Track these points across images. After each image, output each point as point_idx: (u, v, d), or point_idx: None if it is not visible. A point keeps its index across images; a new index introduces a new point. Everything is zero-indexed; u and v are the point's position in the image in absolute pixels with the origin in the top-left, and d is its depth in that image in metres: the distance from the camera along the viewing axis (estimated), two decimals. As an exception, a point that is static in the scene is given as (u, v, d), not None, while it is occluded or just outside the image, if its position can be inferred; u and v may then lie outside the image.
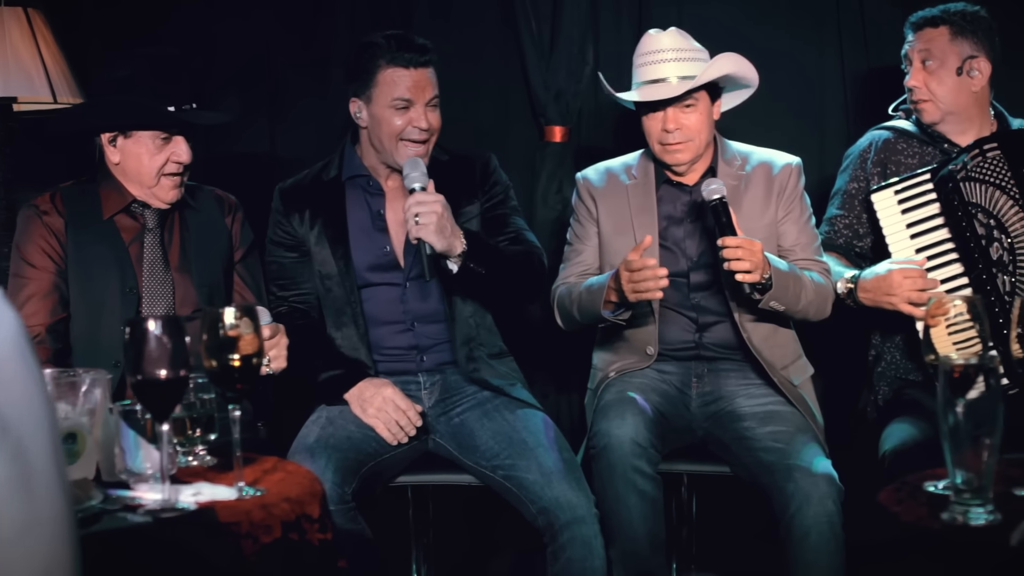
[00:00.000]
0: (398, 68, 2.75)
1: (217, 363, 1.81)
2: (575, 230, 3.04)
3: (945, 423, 1.66)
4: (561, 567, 2.61)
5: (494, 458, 2.73)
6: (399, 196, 2.88)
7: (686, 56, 2.86)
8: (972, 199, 2.78)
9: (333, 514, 2.51)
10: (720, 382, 2.94)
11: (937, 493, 1.77)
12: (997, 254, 2.74)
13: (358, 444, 2.72)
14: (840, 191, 3.10)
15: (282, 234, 2.90)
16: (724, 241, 2.68)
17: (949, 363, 1.68)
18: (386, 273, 2.87)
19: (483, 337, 2.93)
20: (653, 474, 2.68)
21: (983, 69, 2.95)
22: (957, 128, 2.97)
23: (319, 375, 2.82)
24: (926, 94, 2.96)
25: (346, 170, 2.91)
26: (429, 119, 2.79)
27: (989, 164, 2.77)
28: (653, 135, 2.89)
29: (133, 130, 2.60)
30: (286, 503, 1.78)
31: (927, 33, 2.97)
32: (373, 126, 2.81)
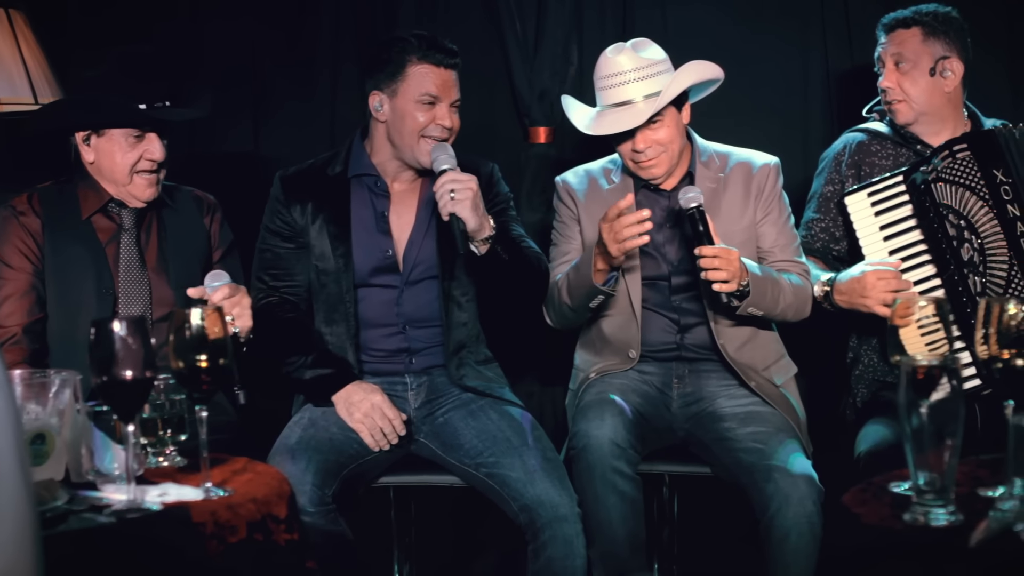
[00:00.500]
0: (429, 65, 2.78)
1: (184, 364, 1.82)
2: (559, 230, 3.04)
3: (908, 424, 1.66)
4: (542, 565, 2.61)
5: (477, 456, 2.73)
6: (404, 199, 2.89)
7: (648, 73, 2.82)
8: (943, 200, 2.79)
9: (313, 515, 2.55)
10: (701, 383, 2.94)
11: (901, 494, 1.77)
12: (968, 255, 2.74)
13: (339, 446, 2.72)
14: (816, 195, 3.11)
15: (280, 223, 2.87)
16: (701, 251, 2.68)
17: (912, 364, 1.68)
18: (384, 275, 2.86)
19: (472, 344, 2.94)
20: (633, 475, 2.69)
21: (956, 69, 2.96)
22: (931, 129, 2.98)
23: (306, 372, 2.81)
24: (899, 95, 2.97)
25: (353, 167, 2.89)
26: (452, 119, 2.82)
27: (959, 165, 2.78)
28: (625, 155, 2.89)
29: (105, 128, 2.61)
30: (252, 504, 1.78)
31: (899, 34, 2.97)
32: (395, 120, 2.81)
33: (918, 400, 1.67)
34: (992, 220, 2.73)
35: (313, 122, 3.55)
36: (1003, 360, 1.71)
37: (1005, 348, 1.72)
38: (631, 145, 2.84)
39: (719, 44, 3.55)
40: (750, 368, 2.89)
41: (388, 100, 2.81)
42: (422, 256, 2.87)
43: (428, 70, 2.78)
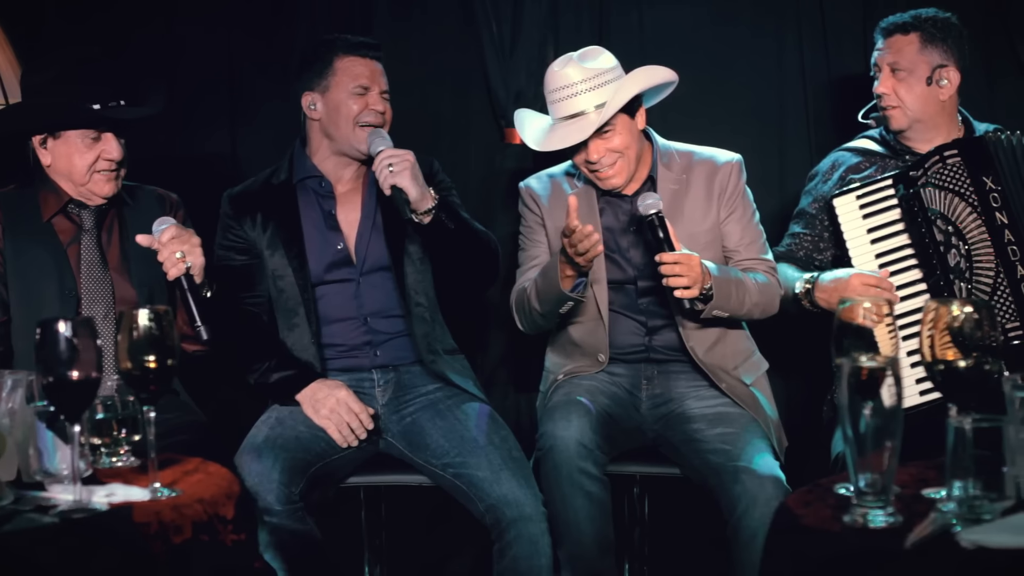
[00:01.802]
0: (356, 57, 2.88)
1: (132, 364, 1.82)
2: (525, 235, 3.04)
3: (850, 425, 1.66)
4: (507, 564, 2.63)
5: (444, 456, 2.75)
6: (349, 198, 2.96)
7: (597, 83, 2.80)
8: (932, 205, 2.78)
9: (280, 514, 2.56)
10: (670, 384, 2.94)
11: (845, 495, 1.77)
12: (954, 261, 2.74)
13: (307, 444, 2.74)
14: (803, 212, 3.11)
15: (232, 238, 2.93)
16: (661, 257, 2.69)
17: (855, 365, 1.68)
18: (340, 270, 2.90)
19: (437, 332, 2.97)
20: (600, 476, 2.69)
21: (952, 78, 2.95)
22: (924, 136, 2.97)
23: (271, 376, 2.83)
24: (895, 100, 2.96)
25: (297, 172, 2.96)
26: (384, 106, 2.90)
27: (949, 171, 2.77)
28: (581, 167, 2.89)
29: (59, 130, 2.62)
30: (199, 504, 1.79)
31: (897, 41, 2.96)
32: (329, 114, 2.88)
33: (861, 401, 1.67)
34: (980, 227, 2.73)
35: (288, 124, 3.54)
36: (946, 362, 1.70)
37: (949, 350, 1.72)
38: (584, 156, 2.83)
39: (695, 46, 3.56)
40: (720, 368, 2.90)
41: (320, 97, 2.90)
42: (372, 248, 2.92)
43: (355, 61, 2.89)
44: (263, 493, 2.60)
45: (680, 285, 2.67)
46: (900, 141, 3.02)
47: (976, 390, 1.70)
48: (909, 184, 2.80)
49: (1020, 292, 2.64)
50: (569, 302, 2.80)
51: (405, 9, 3.59)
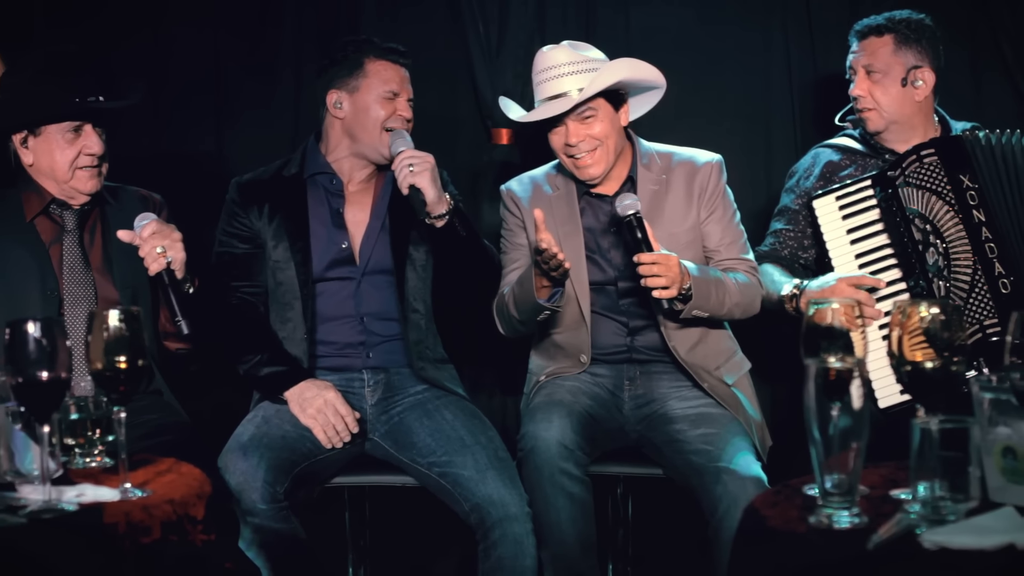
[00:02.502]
0: (387, 62, 2.91)
1: (102, 365, 1.82)
2: (507, 239, 3.05)
3: (817, 426, 1.66)
4: (492, 565, 2.64)
5: (430, 455, 2.75)
6: (359, 198, 2.97)
7: (582, 68, 2.83)
8: (910, 205, 2.78)
9: (264, 513, 2.57)
10: (652, 385, 2.94)
11: (813, 496, 1.77)
12: (933, 259, 2.73)
13: (292, 444, 2.74)
14: (785, 208, 3.11)
15: (237, 225, 2.92)
16: (639, 258, 2.69)
17: (823, 366, 1.68)
18: (341, 268, 2.91)
19: (429, 341, 2.97)
20: (582, 476, 2.69)
21: (927, 79, 2.96)
22: (901, 137, 2.98)
23: (261, 369, 2.83)
24: (871, 103, 2.97)
25: (308, 167, 2.96)
26: (410, 112, 2.93)
27: (926, 169, 2.77)
28: (560, 151, 2.89)
29: (40, 125, 2.63)
30: (168, 505, 1.79)
31: (872, 43, 2.97)
32: (356, 115, 2.89)
33: (829, 402, 1.67)
34: (957, 225, 2.73)
35: (275, 126, 3.56)
36: (913, 363, 1.70)
37: (917, 351, 1.72)
38: (564, 138, 2.84)
39: (682, 46, 3.56)
40: (702, 368, 2.90)
41: (348, 96, 2.90)
42: (378, 250, 2.92)
43: (387, 66, 2.90)
44: (248, 492, 2.60)
45: (658, 285, 2.67)
46: (879, 141, 3.02)
47: (943, 391, 1.70)
48: (887, 184, 2.80)
49: (998, 289, 2.64)
50: (546, 312, 2.80)
51: (392, 9, 3.59)
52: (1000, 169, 2.76)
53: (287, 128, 3.55)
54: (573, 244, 2.91)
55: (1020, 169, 2.76)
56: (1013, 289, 2.64)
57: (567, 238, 2.92)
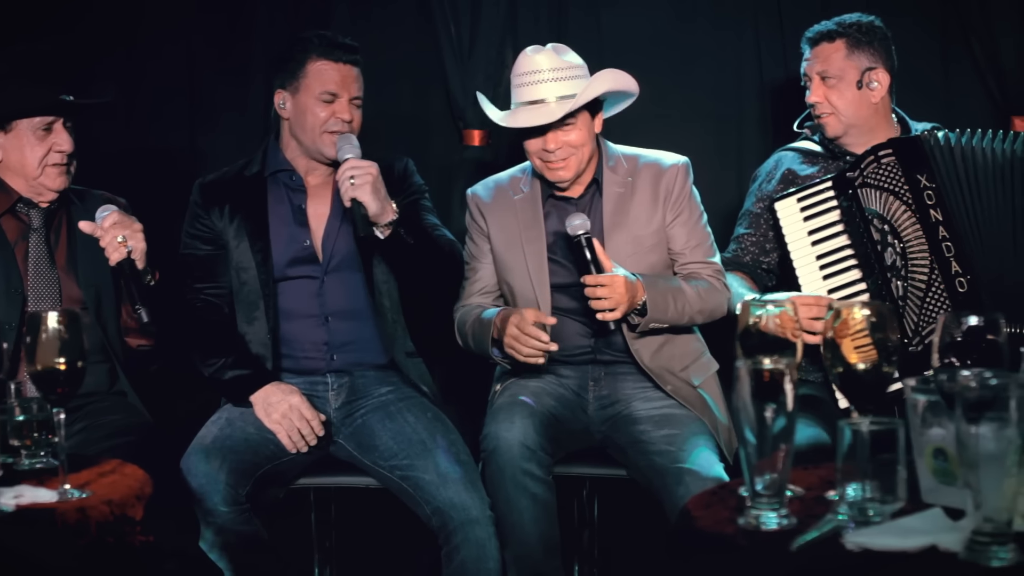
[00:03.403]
0: (327, 61, 2.84)
1: (41, 367, 1.83)
2: (470, 249, 3.06)
3: (749, 428, 1.66)
4: (455, 568, 2.64)
5: (392, 458, 2.75)
6: (320, 192, 2.95)
7: (564, 75, 2.82)
8: (868, 205, 2.78)
9: (226, 515, 2.58)
10: (617, 385, 2.94)
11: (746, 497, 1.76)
12: (891, 259, 2.73)
13: (255, 447, 2.74)
14: (747, 212, 3.11)
15: (200, 227, 2.92)
16: (585, 279, 2.70)
17: (756, 367, 1.68)
18: (304, 266, 2.90)
19: (399, 334, 2.97)
20: (544, 477, 2.69)
21: (882, 80, 2.96)
22: (860, 140, 2.97)
23: (226, 373, 2.83)
24: (828, 108, 2.98)
25: (269, 165, 2.95)
26: (352, 114, 2.87)
27: (884, 170, 2.77)
28: (534, 154, 2.88)
29: (12, 120, 2.65)
30: (105, 506, 1.79)
31: (824, 49, 2.98)
32: (297, 117, 2.87)
33: (763, 403, 1.67)
34: (915, 225, 2.72)
35: (246, 128, 3.56)
36: (845, 364, 1.70)
37: (851, 353, 1.72)
38: (542, 144, 2.84)
39: (653, 49, 3.57)
40: (666, 371, 2.90)
41: (291, 97, 2.88)
42: (340, 245, 2.91)
43: (327, 66, 2.85)
44: (209, 494, 2.61)
45: (603, 308, 2.69)
46: (838, 144, 3.02)
47: (874, 392, 1.70)
48: (847, 185, 2.80)
49: (954, 288, 2.63)
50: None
51: (364, 11, 3.59)
52: (959, 169, 2.75)
53: (258, 129, 3.56)
54: (536, 247, 2.93)
55: (979, 168, 2.76)
56: (969, 288, 2.63)
57: (531, 242, 2.93)
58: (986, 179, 2.76)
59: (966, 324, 1.64)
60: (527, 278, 2.93)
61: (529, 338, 2.71)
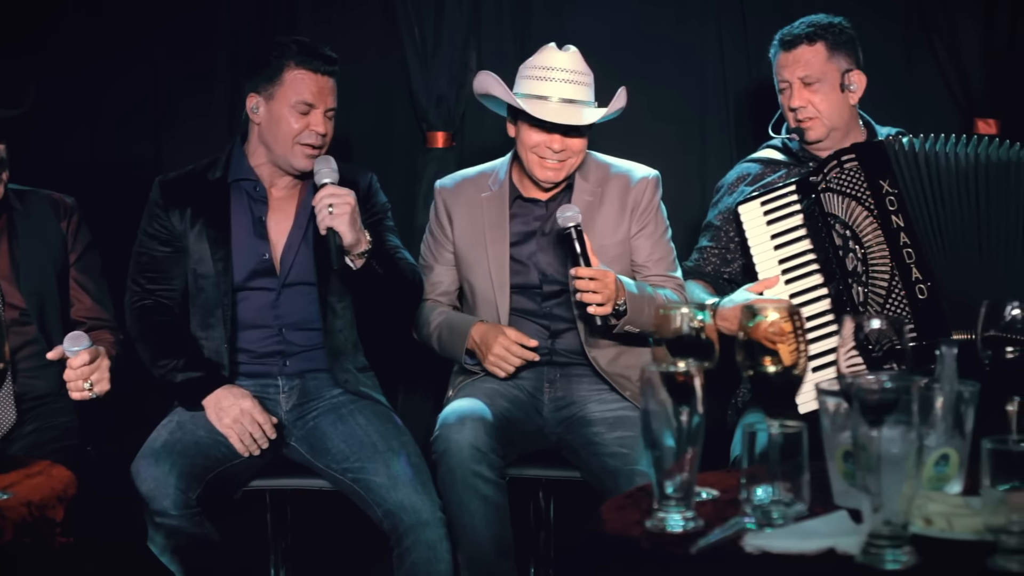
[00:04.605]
0: (306, 71, 2.79)
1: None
2: (429, 245, 3.07)
3: (659, 431, 1.66)
4: (407, 571, 2.64)
5: (344, 461, 2.76)
6: (282, 205, 2.92)
7: (579, 79, 2.86)
8: (830, 210, 2.76)
9: (176, 518, 2.58)
10: (572, 387, 2.95)
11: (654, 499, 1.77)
12: (852, 264, 2.71)
13: (206, 450, 2.74)
14: (709, 224, 3.11)
15: (158, 227, 2.89)
16: (577, 271, 2.70)
17: (670, 371, 1.68)
18: (262, 279, 2.88)
19: (352, 350, 2.96)
20: (496, 479, 2.70)
21: (859, 81, 2.96)
22: (836, 144, 2.95)
23: (177, 376, 2.83)
24: (812, 112, 2.95)
25: (232, 172, 2.91)
26: (326, 127, 2.83)
27: (846, 175, 2.75)
28: (531, 147, 2.87)
29: None
30: (25, 507, 1.80)
31: (804, 52, 2.95)
32: (269, 124, 2.83)
33: (678, 407, 1.67)
34: (876, 230, 2.71)
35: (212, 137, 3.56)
36: (756, 367, 1.70)
37: (764, 355, 1.72)
38: (547, 141, 2.84)
39: (617, 52, 3.57)
40: (622, 377, 2.91)
41: (264, 103, 2.83)
42: (299, 260, 2.89)
43: (305, 76, 2.79)
44: (159, 498, 2.60)
45: (593, 302, 2.69)
46: (806, 149, 3.01)
47: (784, 395, 1.70)
48: (810, 189, 2.79)
49: (915, 294, 2.62)
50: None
51: (326, 12, 3.60)
52: (923, 174, 2.74)
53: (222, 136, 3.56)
54: (499, 248, 2.94)
55: (943, 174, 2.74)
56: (930, 294, 2.62)
57: (495, 242, 2.94)
58: (949, 185, 2.74)
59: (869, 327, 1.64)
60: (488, 278, 2.95)
61: (515, 357, 2.82)
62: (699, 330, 1.80)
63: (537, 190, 2.96)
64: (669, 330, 1.80)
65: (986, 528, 1.47)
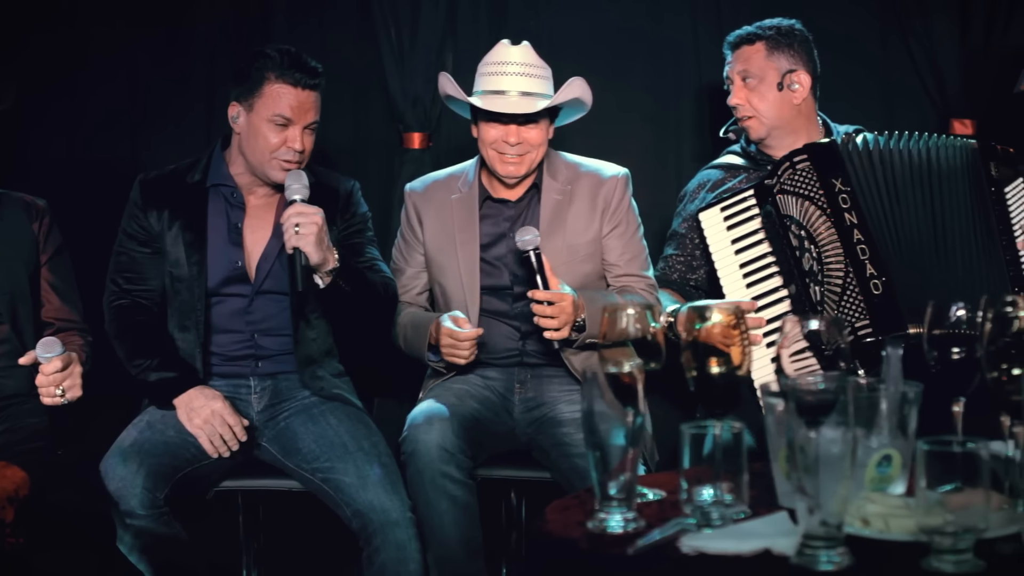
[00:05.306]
0: (286, 84, 2.75)
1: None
2: (400, 248, 3.07)
3: (602, 432, 1.66)
4: (376, 571, 2.65)
5: (314, 461, 2.76)
6: (260, 213, 2.92)
7: (533, 72, 2.87)
8: (786, 212, 2.77)
9: (144, 518, 2.58)
10: (543, 388, 2.95)
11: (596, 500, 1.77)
12: (808, 264, 2.72)
13: (174, 450, 2.74)
14: (674, 232, 3.12)
15: (136, 227, 2.89)
16: (533, 295, 2.71)
17: (615, 372, 1.68)
18: (235, 285, 2.88)
19: (323, 359, 2.96)
20: (465, 479, 2.70)
21: (803, 82, 2.97)
22: (784, 142, 2.97)
23: (151, 375, 2.83)
24: (749, 111, 2.98)
25: (211, 176, 2.91)
26: (304, 142, 2.79)
27: (799, 175, 2.76)
28: (489, 143, 2.88)
29: None
30: (-26, 508, 1.81)
31: (744, 51, 2.99)
32: (248, 135, 2.81)
33: (623, 407, 1.67)
34: (830, 229, 2.71)
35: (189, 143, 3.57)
36: (699, 368, 1.71)
37: (710, 356, 1.72)
38: (503, 135, 2.85)
39: (593, 53, 3.58)
40: None
41: (244, 113, 2.81)
42: (274, 270, 2.88)
43: (285, 90, 2.75)
44: (126, 498, 2.61)
45: (550, 326, 2.71)
46: (761, 151, 3.03)
47: (726, 396, 1.70)
48: (766, 193, 2.80)
49: (869, 291, 2.62)
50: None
51: (302, 14, 3.61)
52: (876, 171, 2.75)
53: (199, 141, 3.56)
54: (469, 249, 2.94)
55: (896, 171, 2.75)
56: (884, 289, 2.62)
57: (464, 243, 2.95)
58: (903, 181, 2.76)
59: (807, 327, 1.64)
60: (459, 279, 2.95)
61: (463, 343, 2.78)
62: (645, 331, 1.79)
63: (506, 190, 2.97)
64: (615, 331, 1.80)
65: (920, 529, 1.47)
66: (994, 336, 1.63)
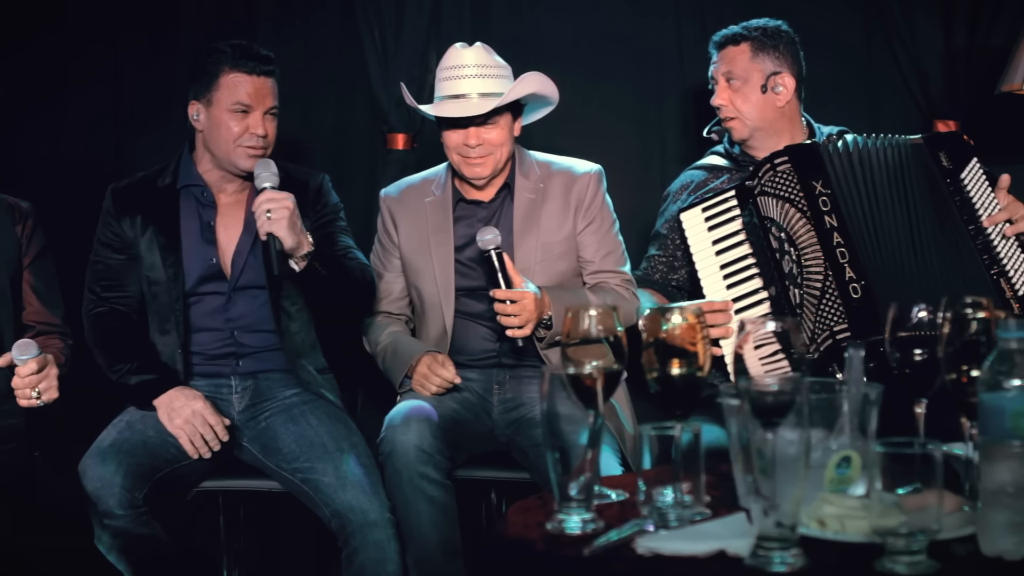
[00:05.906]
0: (240, 73, 2.81)
1: None
2: (378, 253, 3.08)
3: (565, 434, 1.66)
4: (355, 571, 2.66)
5: (294, 461, 2.77)
6: (231, 210, 2.94)
7: (489, 72, 2.87)
8: (767, 214, 2.76)
9: (122, 518, 2.60)
10: (521, 389, 2.95)
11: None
12: (788, 267, 2.71)
13: (154, 450, 2.75)
14: (657, 233, 3.12)
15: (111, 235, 2.92)
16: (495, 294, 2.72)
17: (578, 373, 1.68)
18: (212, 283, 2.90)
19: (309, 351, 2.98)
20: (442, 480, 2.70)
21: (787, 84, 2.97)
22: (766, 144, 2.97)
23: (131, 378, 2.84)
24: (732, 111, 2.99)
25: (181, 178, 2.94)
26: (267, 127, 2.84)
27: (779, 177, 2.75)
28: (454, 149, 2.90)
29: None
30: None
31: (729, 52, 2.99)
32: (211, 129, 2.85)
33: (586, 409, 1.68)
34: (810, 231, 2.70)
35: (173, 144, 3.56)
36: (659, 370, 1.70)
37: (672, 357, 1.72)
38: (463, 139, 2.86)
39: (577, 55, 3.58)
40: None
41: (204, 109, 2.86)
42: (250, 264, 2.90)
43: (241, 78, 2.81)
44: (104, 498, 2.62)
45: (511, 324, 2.71)
46: (744, 152, 3.03)
47: (687, 397, 1.70)
48: (747, 194, 2.79)
49: (848, 294, 2.61)
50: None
51: (286, 15, 3.61)
52: (857, 173, 2.74)
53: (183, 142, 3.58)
54: (444, 251, 2.95)
55: (875, 173, 2.74)
56: (864, 293, 2.61)
57: (439, 245, 2.95)
58: (882, 183, 2.75)
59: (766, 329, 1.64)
60: (434, 282, 2.96)
61: (437, 377, 2.83)
62: (609, 332, 1.79)
63: (478, 192, 2.97)
64: (577, 331, 1.80)
65: (873, 531, 1.47)
66: (952, 337, 1.63)
